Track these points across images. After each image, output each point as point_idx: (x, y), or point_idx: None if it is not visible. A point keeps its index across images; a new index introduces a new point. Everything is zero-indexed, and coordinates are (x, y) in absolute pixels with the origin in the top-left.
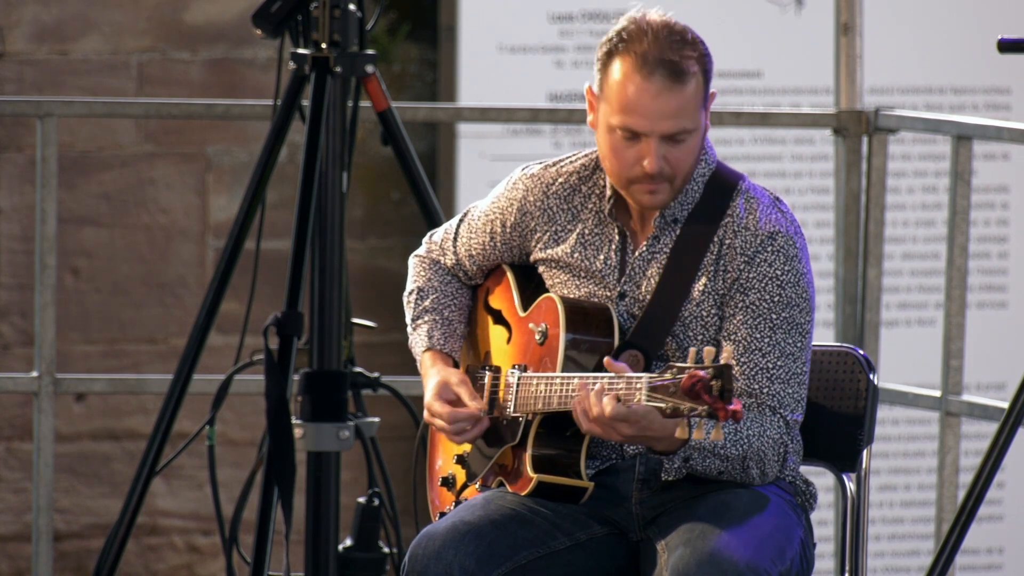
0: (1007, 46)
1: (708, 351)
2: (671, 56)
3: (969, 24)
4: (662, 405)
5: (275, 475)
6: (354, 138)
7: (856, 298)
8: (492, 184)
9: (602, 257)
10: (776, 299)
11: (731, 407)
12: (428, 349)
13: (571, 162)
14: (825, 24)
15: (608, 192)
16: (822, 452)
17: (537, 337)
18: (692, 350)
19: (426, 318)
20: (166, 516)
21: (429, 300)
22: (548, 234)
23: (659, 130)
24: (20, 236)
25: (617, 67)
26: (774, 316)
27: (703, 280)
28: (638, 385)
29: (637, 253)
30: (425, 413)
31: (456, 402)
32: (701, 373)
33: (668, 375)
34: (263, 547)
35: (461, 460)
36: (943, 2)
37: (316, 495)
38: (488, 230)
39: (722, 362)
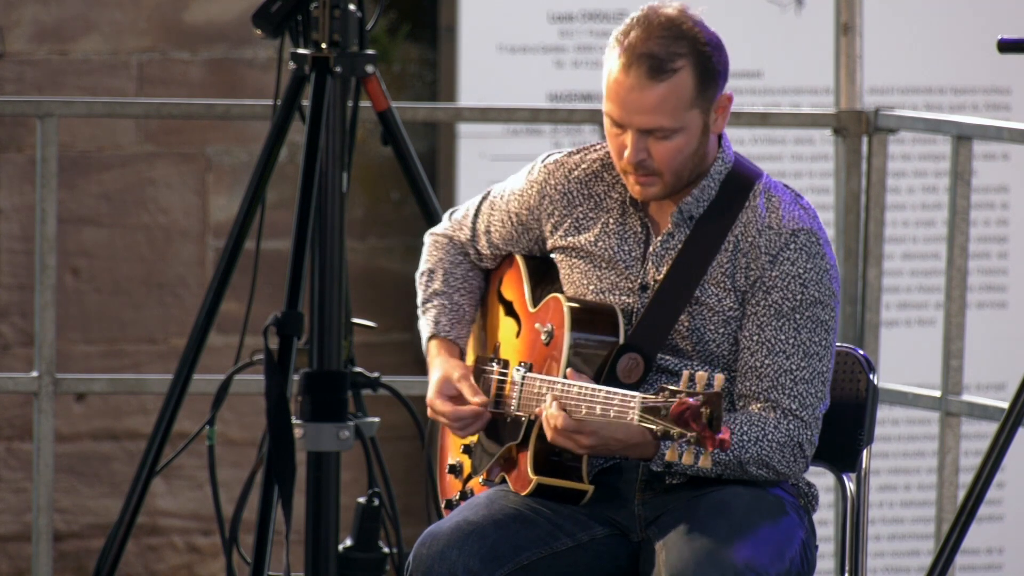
0: (1007, 46)
1: (700, 376)
2: (655, 50)
3: (969, 24)
4: (653, 427)
5: (275, 475)
6: (354, 138)
7: (856, 298)
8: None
9: (627, 248)
10: (799, 298)
11: (719, 436)
12: (434, 336)
13: (595, 150)
14: (825, 24)
15: None
16: (822, 452)
17: (543, 337)
18: (686, 373)
19: (435, 301)
20: (166, 516)
21: (439, 282)
22: (569, 221)
23: (634, 123)
24: (20, 236)
25: (610, 55)
26: (798, 316)
27: (712, 283)
28: (632, 404)
29: (652, 249)
30: (428, 409)
31: (458, 398)
32: (691, 401)
33: (661, 397)
34: (263, 547)
35: (468, 450)
36: (943, 2)
37: (316, 495)
38: (508, 208)
39: (714, 389)
